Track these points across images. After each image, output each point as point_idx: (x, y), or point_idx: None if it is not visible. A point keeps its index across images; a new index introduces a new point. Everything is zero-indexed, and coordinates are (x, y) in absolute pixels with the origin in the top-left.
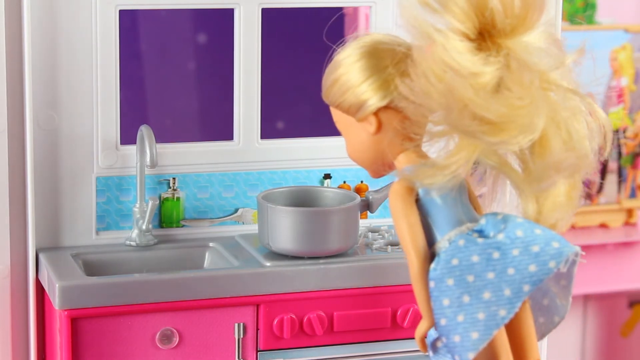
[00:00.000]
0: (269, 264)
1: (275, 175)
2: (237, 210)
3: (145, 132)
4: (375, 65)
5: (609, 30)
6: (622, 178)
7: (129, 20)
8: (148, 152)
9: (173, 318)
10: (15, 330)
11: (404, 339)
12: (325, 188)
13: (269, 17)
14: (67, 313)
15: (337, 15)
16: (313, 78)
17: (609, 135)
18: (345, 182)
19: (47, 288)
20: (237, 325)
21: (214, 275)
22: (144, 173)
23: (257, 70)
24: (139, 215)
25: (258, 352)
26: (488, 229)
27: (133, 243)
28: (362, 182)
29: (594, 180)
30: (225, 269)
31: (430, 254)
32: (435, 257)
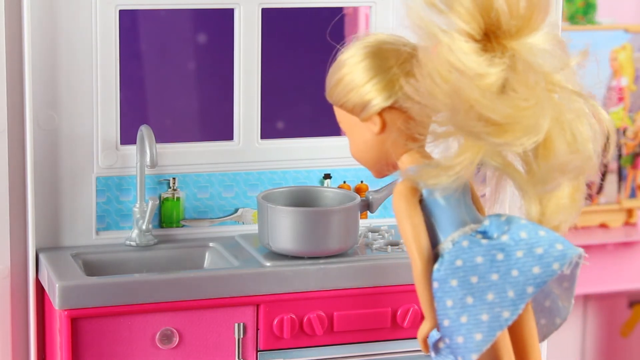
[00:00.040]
0: (269, 264)
1: (275, 175)
2: (237, 210)
3: (145, 132)
4: (380, 66)
5: (609, 30)
6: (622, 178)
7: (129, 20)
8: (148, 152)
9: (173, 318)
10: (15, 330)
11: (404, 339)
12: (325, 188)
13: (269, 17)
14: (67, 313)
15: (338, 17)
16: (313, 78)
17: (613, 138)
18: (345, 182)
19: (47, 288)
20: (237, 325)
21: (214, 275)
22: (144, 173)
23: (257, 70)
24: (139, 215)
25: (258, 352)
26: (492, 231)
27: (133, 243)
28: (362, 182)
29: (594, 181)
30: (225, 269)
31: (434, 255)
32: (439, 258)
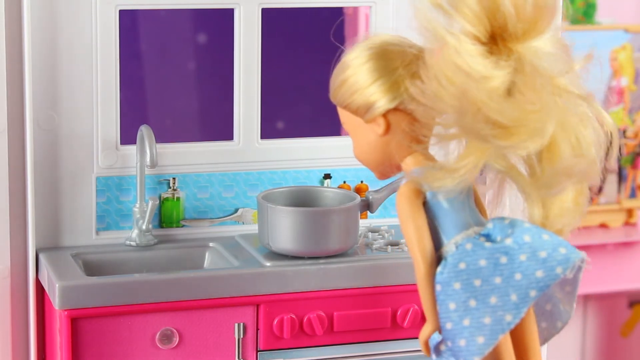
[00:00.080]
0: (269, 264)
1: (275, 175)
2: (237, 210)
3: (145, 132)
4: (385, 67)
5: (609, 30)
6: (622, 178)
7: (129, 20)
8: (148, 152)
9: (173, 318)
10: (15, 330)
11: (404, 339)
12: (325, 188)
13: (269, 17)
14: (67, 313)
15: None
16: (313, 78)
17: (616, 142)
18: (345, 182)
19: (47, 288)
20: (237, 325)
21: (214, 275)
22: (144, 173)
23: (257, 70)
24: (139, 215)
25: (258, 352)
26: (495, 234)
27: (133, 243)
28: (362, 182)
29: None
30: (225, 269)
31: (437, 258)
32: (442, 260)
